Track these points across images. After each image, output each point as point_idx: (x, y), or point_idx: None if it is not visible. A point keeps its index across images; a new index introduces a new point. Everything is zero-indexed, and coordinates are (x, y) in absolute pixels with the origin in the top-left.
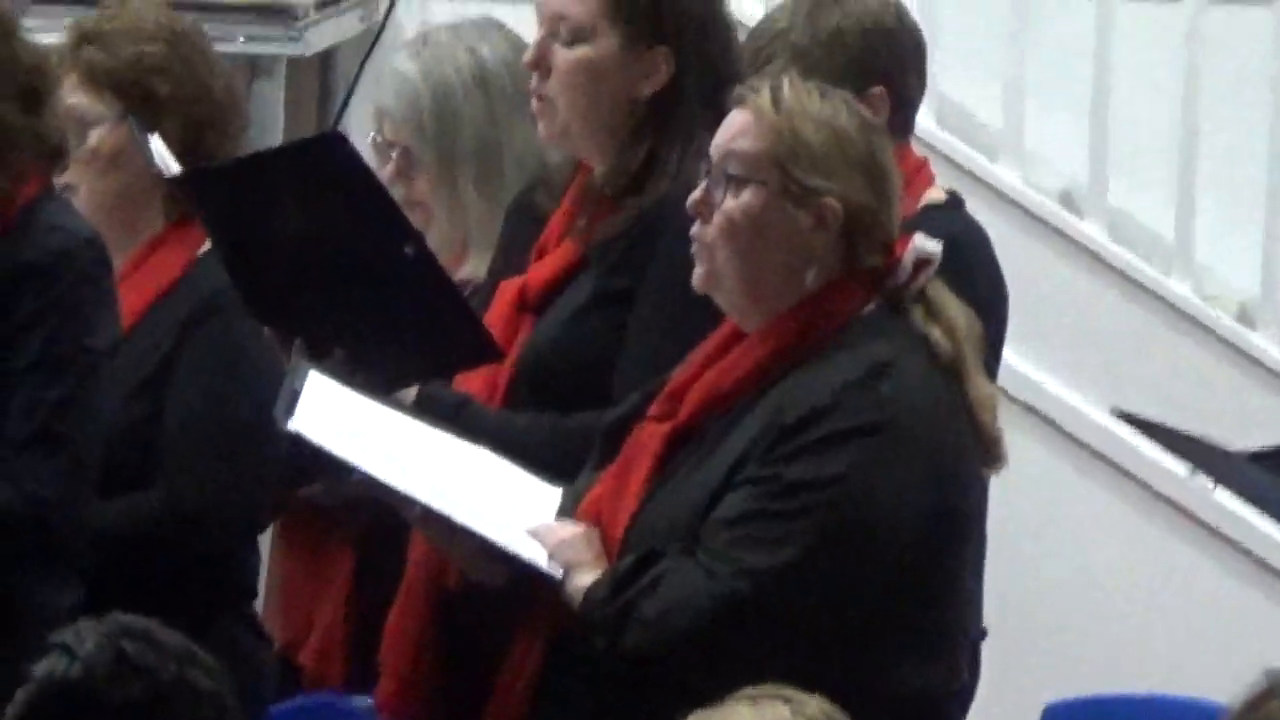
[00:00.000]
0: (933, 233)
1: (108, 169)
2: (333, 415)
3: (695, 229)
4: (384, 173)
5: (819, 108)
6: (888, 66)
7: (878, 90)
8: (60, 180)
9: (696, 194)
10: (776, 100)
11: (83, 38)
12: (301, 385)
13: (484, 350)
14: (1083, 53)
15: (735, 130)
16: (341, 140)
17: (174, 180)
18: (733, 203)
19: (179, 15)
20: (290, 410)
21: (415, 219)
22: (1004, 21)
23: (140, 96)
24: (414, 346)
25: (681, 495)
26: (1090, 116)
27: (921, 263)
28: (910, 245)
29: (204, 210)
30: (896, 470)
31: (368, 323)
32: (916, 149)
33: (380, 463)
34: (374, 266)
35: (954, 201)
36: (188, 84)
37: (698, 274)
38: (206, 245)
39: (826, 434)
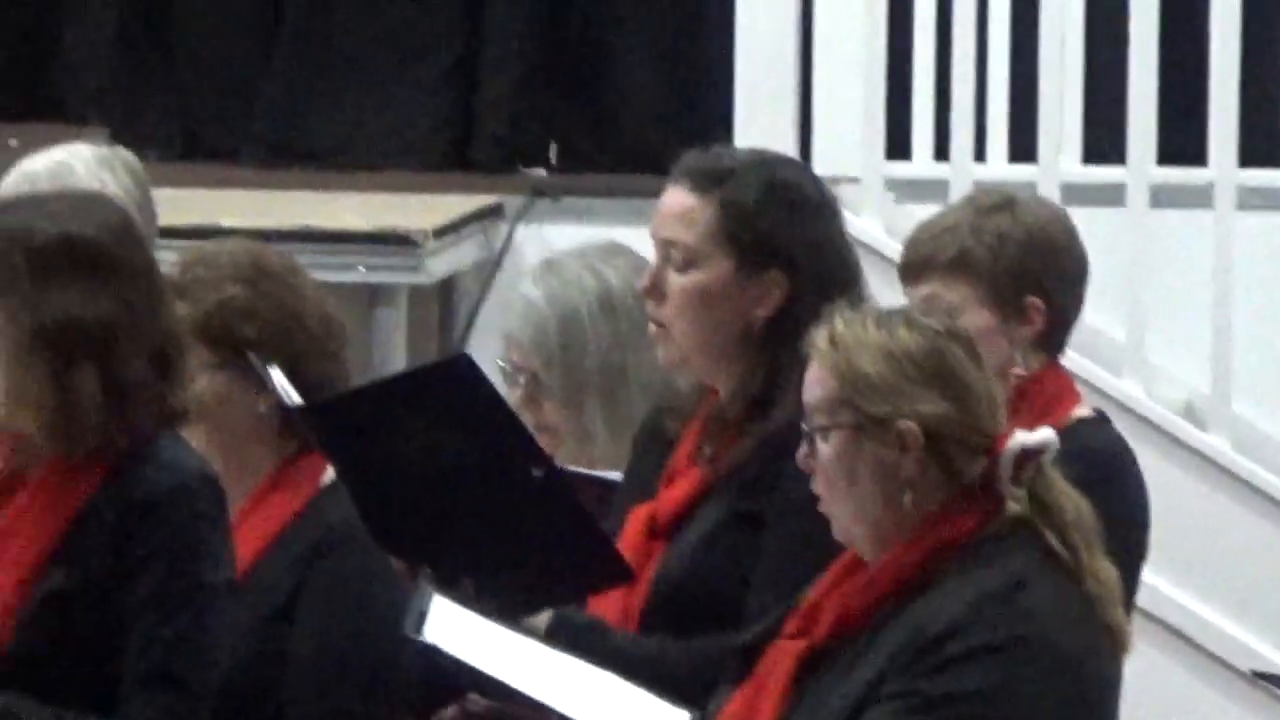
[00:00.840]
0: (1080, 447)
1: (214, 417)
2: (462, 638)
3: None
4: (512, 398)
5: (874, 336)
6: (1049, 280)
7: (1034, 301)
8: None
9: (801, 452)
10: (832, 339)
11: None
12: (429, 607)
13: (615, 572)
14: (1203, 265)
15: (809, 383)
16: (470, 363)
17: (296, 411)
18: (822, 454)
19: (264, 248)
20: (420, 628)
21: (544, 443)
22: (1125, 236)
23: (230, 343)
24: (544, 570)
25: (818, 714)
26: (1212, 327)
27: (1028, 455)
28: (1011, 439)
29: (327, 440)
30: (1037, 684)
31: (496, 547)
32: None
33: (515, 674)
34: (502, 490)
35: (1101, 418)
36: (276, 320)
37: (832, 521)
38: (325, 478)
39: (967, 649)
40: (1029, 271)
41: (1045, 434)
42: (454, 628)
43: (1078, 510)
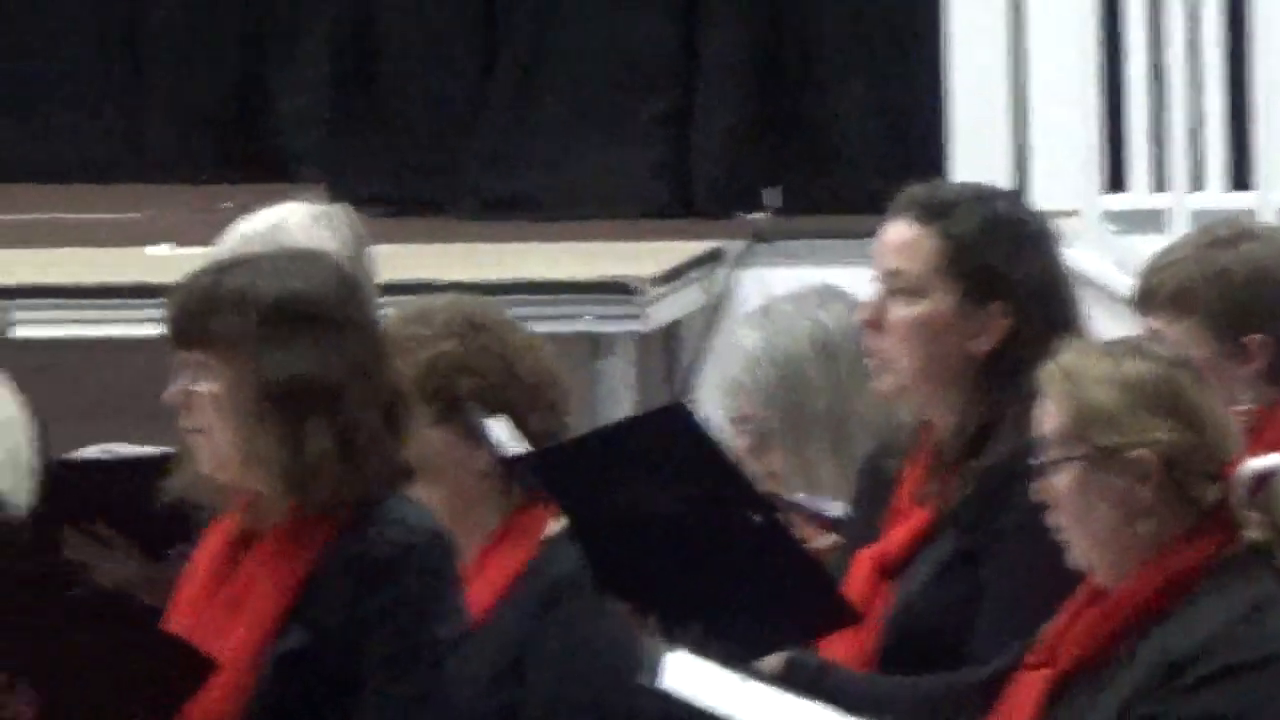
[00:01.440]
0: None
1: (437, 475)
2: (697, 685)
3: (1050, 517)
4: (738, 447)
5: (1105, 367)
6: (1273, 315)
7: (1254, 339)
8: None
9: (1036, 485)
10: (1064, 372)
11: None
12: (662, 655)
13: (841, 615)
14: None
15: (1042, 417)
16: (685, 411)
17: (517, 462)
18: (1057, 486)
19: (476, 302)
20: (655, 676)
21: (772, 487)
22: None
23: (446, 399)
24: (770, 614)
25: None
26: None
27: (1262, 479)
28: (1243, 464)
29: (551, 489)
30: None
31: (722, 592)
32: None
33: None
34: (724, 536)
35: None
36: (491, 374)
37: (1068, 548)
38: (549, 530)
39: (1217, 670)
40: (1248, 309)
41: (1277, 458)
42: (688, 675)
43: None
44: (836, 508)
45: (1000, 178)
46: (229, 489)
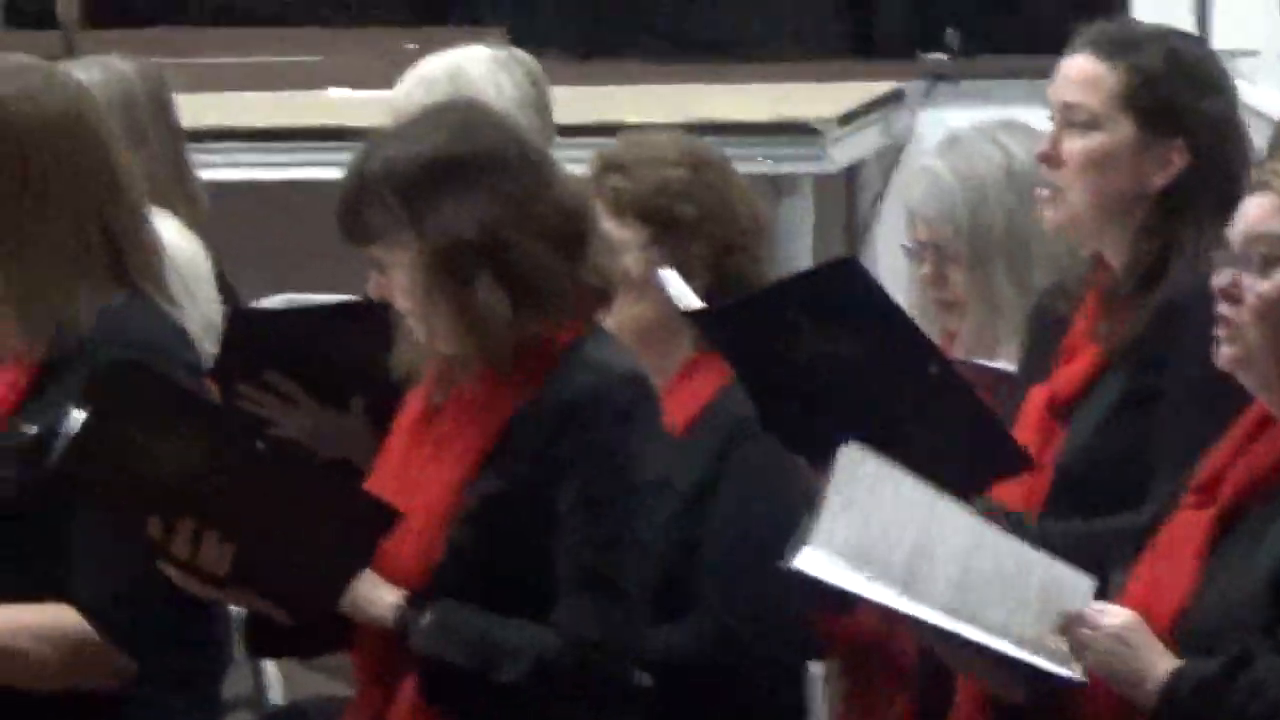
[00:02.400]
0: None
1: (638, 296)
2: (867, 513)
3: (1225, 309)
4: (920, 274)
5: None
6: None
7: None
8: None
9: (1225, 277)
10: None
11: (607, 166)
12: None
13: (1015, 460)
14: None
15: (1262, 214)
16: (857, 265)
17: (691, 316)
18: (1267, 284)
19: (701, 140)
20: (794, 553)
21: (950, 320)
22: None
23: (666, 222)
24: (945, 461)
25: (1237, 584)
26: None
27: None
28: None
29: (723, 343)
30: None
31: (895, 444)
32: None
33: (888, 587)
34: (899, 387)
35: None
36: (713, 208)
37: (1226, 354)
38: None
39: None
40: None
41: None
42: (866, 498)
43: None
44: (1009, 367)
45: (1182, 18)
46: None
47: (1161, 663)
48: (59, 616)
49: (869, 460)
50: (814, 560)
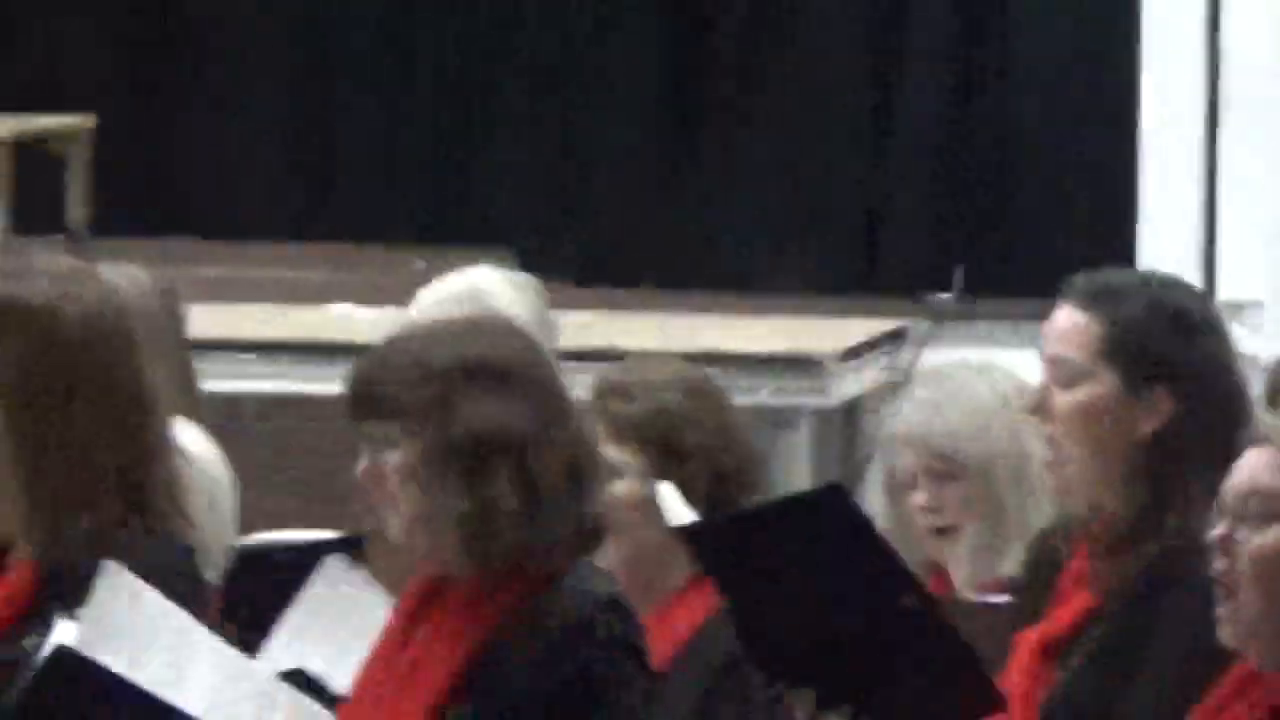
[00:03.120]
0: None
1: (632, 522)
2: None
3: (1217, 564)
4: (914, 502)
5: None
6: None
7: None
8: None
9: (1220, 529)
10: None
11: (608, 390)
12: None
13: (989, 700)
14: None
15: (1256, 468)
16: (841, 493)
17: (679, 532)
18: (1259, 541)
19: (700, 369)
20: None
21: (945, 546)
22: None
23: (666, 448)
24: (921, 696)
25: None
26: None
27: None
28: None
29: (711, 563)
30: None
31: (873, 673)
32: None
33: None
34: (879, 620)
35: None
36: (712, 436)
37: (1228, 635)
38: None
39: None
40: None
41: None
42: None
43: None
44: (1003, 599)
45: (1188, 268)
46: (411, 565)
47: None
48: None
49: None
50: None
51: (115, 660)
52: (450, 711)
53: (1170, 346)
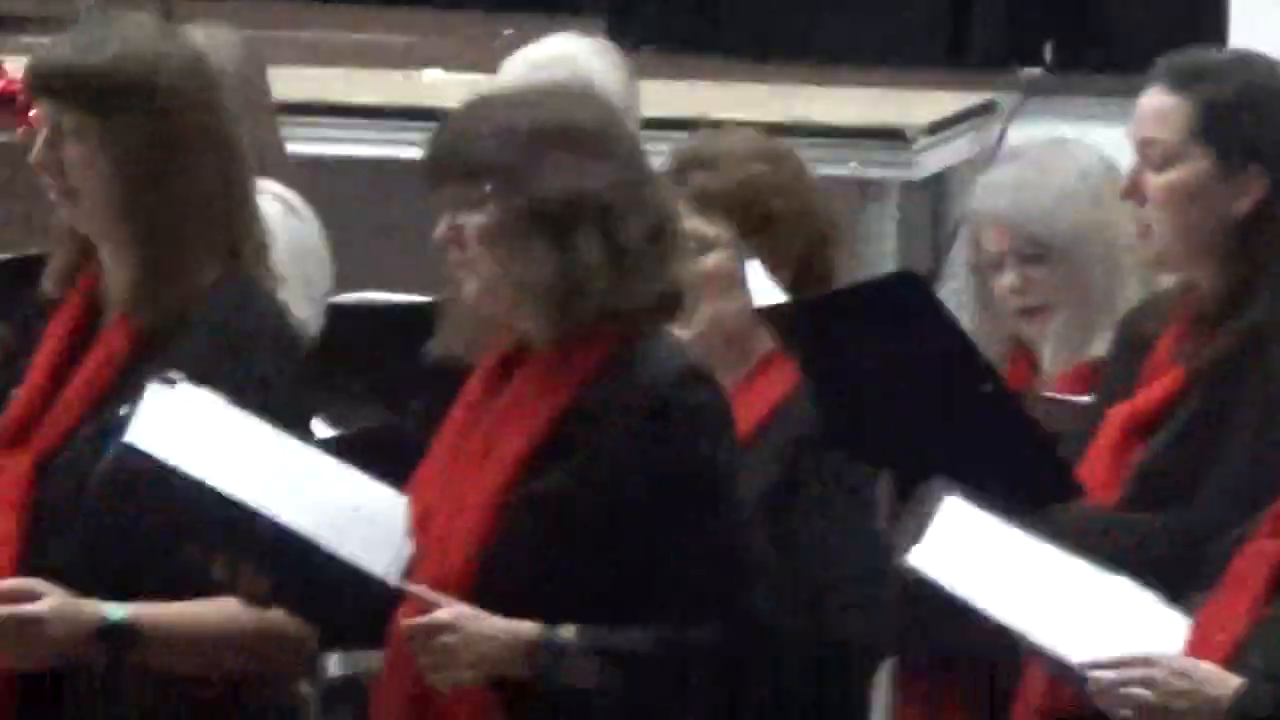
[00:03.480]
0: None
1: (721, 293)
2: (961, 544)
3: None
4: (1000, 284)
5: None
6: None
7: None
8: None
9: None
10: None
11: (689, 163)
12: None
13: (1067, 487)
14: None
15: None
16: (916, 280)
17: (761, 311)
18: None
19: (777, 139)
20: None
21: (1033, 327)
22: None
23: (755, 217)
24: (995, 481)
25: None
26: None
27: None
28: None
29: (793, 342)
30: None
31: (953, 455)
32: None
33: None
34: (954, 402)
35: None
36: (799, 204)
37: None
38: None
39: None
40: None
41: None
42: (956, 535)
43: None
44: (1087, 399)
45: (1277, 41)
46: (489, 330)
47: (1228, 683)
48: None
49: (968, 510)
50: (925, 561)
51: (175, 455)
52: (529, 479)
53: (1263, 126)
